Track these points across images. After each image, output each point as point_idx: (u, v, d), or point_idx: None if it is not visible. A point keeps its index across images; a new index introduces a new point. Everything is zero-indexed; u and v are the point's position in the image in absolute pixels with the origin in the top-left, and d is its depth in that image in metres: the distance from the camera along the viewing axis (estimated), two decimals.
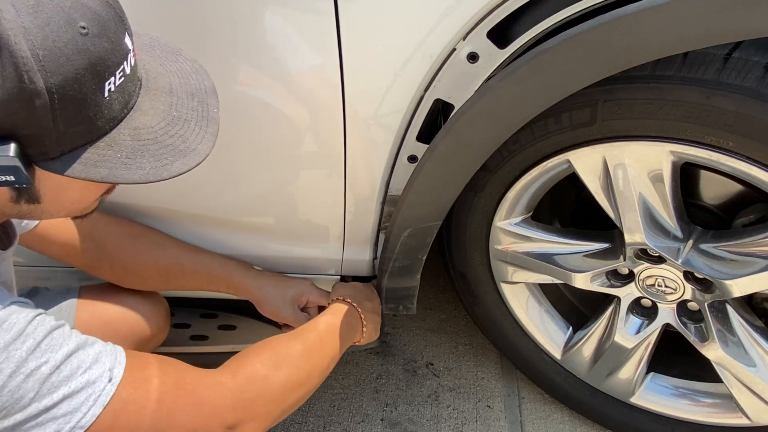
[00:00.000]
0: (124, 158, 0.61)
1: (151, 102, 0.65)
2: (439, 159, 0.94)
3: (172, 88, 0.68)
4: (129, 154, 0.62)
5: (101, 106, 0.59)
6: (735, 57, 0.80)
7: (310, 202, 1.10)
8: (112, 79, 0.59)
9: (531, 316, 1.25)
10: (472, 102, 0.88)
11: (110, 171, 0.60)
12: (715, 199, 1.08)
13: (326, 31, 0.87)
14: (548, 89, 0.84)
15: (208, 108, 0.70)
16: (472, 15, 0.85)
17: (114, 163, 0.61)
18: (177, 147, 0.65)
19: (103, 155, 0.60)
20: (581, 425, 1.34)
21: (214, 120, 0.69)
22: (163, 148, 0.64)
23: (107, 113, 0.60)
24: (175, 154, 0.64)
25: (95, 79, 0.57)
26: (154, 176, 0.62)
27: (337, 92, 0.93)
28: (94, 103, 0.58)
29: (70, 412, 0.63)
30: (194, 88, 0.70)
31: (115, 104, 0.61)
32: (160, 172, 0.63)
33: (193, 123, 0.67)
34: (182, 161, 0.65)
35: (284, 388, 0.84)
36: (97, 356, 0.67)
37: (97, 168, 0.60)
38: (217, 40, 0.91)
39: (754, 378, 1.04)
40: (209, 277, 1.11)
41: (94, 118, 0.59)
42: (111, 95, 0.60)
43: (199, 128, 0.67)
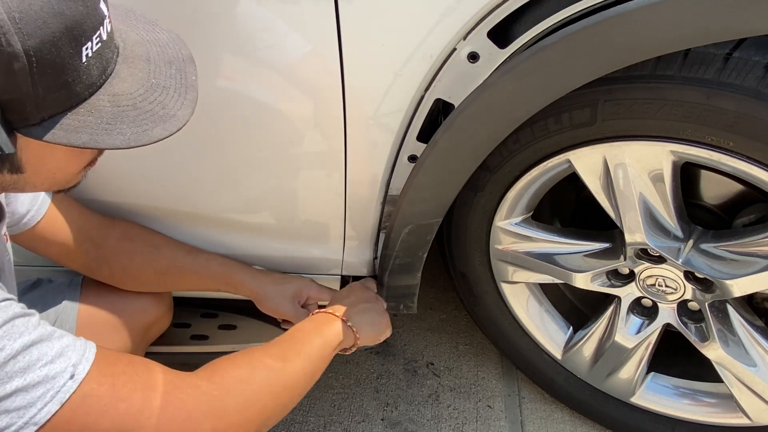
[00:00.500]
0: (105, 124, 0.61)
1: (129, 69, 0.65)
2: (439, 155, 0.94)
3: (149, 56, 0.68)
4: (109, 120, 0.62)
5: (79, 72, 0.59)
6: (735, 57, 0.80)
7: (311, 202, 1.10)
8: (89, 44, 0.59)
9: (531, 316, 1.25)
10: (473, 98, 0.88)
11: (91, 137, 0.60)
12: (715, 198, 1.07)
13: (327, 30, 0.87)
14: (549, 86, 0.84)
15: (186, 75, 0.70)
16: (472, 15, 0.85)
17: (95, 129, 0.61)
18: (156, 113, 0.65)
19: (83, 121, 0.60)
20: (581, 425, 1.34)
21: (193, 87, 0.70)
22: (142, 114, 0.64)
23: (86, 79, 0.60)
24: (155, 119, 0.64)
25: (72, 43, 0.57)
26: (135, 141, 0.62)
27: (338, 92, 0.93)
28: (72, 68, 0.58)
29: (24, 406, 0.60)
30: (172, 57, 0.70)
31: (93, 70, 0.61)
32: (140, 137, 0.63)
33: (171, 90, 0.67)
34: (162, 126, 0.65)
35: (261, 395, 0.80)
36: (62, 350, 0.64)
37: (78, 134, 0.60)
38: (218, 40, 0.91)
39: (754, 378, 1.04)
40: (208, 277, 1.11)
41: (73, 83, 0.59)
42: (89, 60, 0.59)
43: (178, 95, 0.67)
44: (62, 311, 1.03)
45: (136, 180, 1.10)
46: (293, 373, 0.86)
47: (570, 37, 0.78)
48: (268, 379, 0.82)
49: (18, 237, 0.96)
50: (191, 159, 1.06)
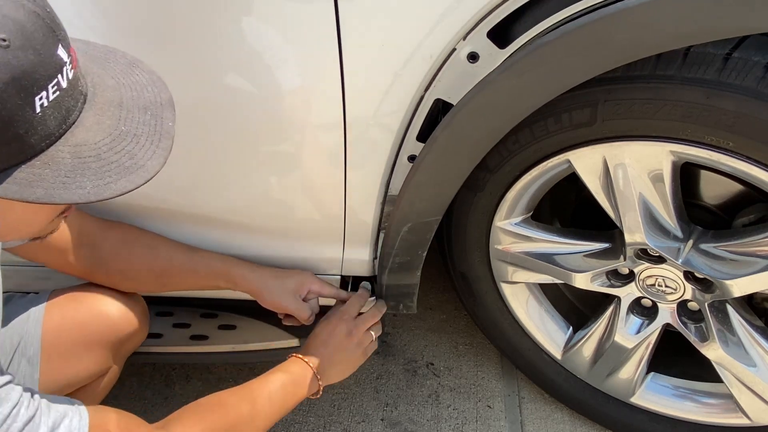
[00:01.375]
0: (63, 177, 0.58)
1: (96, 117, 0.62)
2: (439, 152, 0.94)
3: (122, 102, 0.64)
4: (68, 173, 0.58)
5: (33, 123, 0.55)
6: (735, 57, 0.80)
7: (310, 202, 1.10)
8: (43, 93, 0.55)
9: (531, 316, 1.25)
10: (472, 95, 0.88)
11: (46, 191, 0.56)
12: (715, 199, 1.08)
13: (326, 30, 0.87)
14: (548, 83, 0.84)
15: (162, 122, 0.66)
16: (472, 15, 0.85)
17: (51, 183, 0.57)
18: (123, 164, 0.61)
19: (38, 174, 0.56)
20: (581, 425, 1.34)
21: (168, 134, 0.66)
22: (106, 165, 0.60)
23: (41, 130, 0.56)
24: (120, 171, 0.61)
25: (21, 94, 0.54)
26: (95, 195, 0.59)
27: (337, 92, 0.93)
28: (23, 120, 0.54)
29: None
30: (148, 102, 0.66)
31: (50, 120, 0.57)
32: (101, 191, 0.59)
33: (143, 138, 0.63)
34: (128, 179, 0.61)
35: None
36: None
37: (32, 188, 0.56)
38: (218, 41, 0.91)
39: (754, 378, 1.04)
40: (207, 274, 1.10)
41: (26, 135, 0.55)
42: (44, 111, 0.56)
43: (150, 143, 0.64)
44: (26, 334, 0.98)
45: None
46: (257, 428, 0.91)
47: (569, 34, 0.78)
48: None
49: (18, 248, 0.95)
50: (190, 159, 1.06)
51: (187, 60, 0.94)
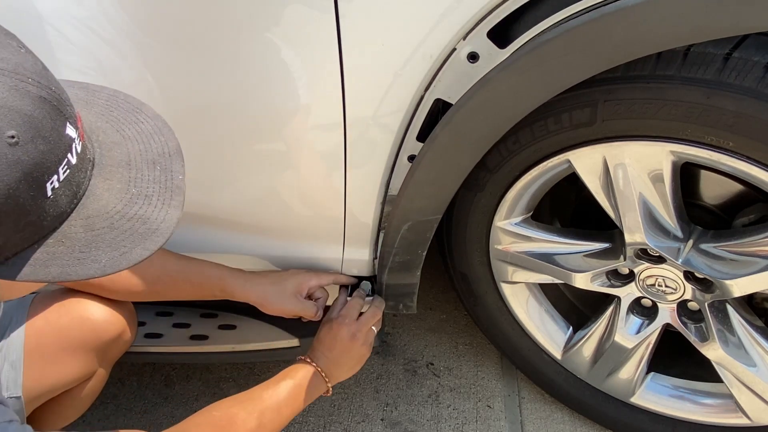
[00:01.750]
0: (78, 253, 0.56)
1: (105, 182, 0.60)
2: (438, 150, 0.94)
3: (130, 160, 0.63)
4: (83, 248, 0.57)
5: (45, 208, 0.54)
6: (735, 57, 0.80)
7: (310, 202, 1.10)
8: (54, 177, 0.54)
9: (531, 316, 1.25)
10: (472, 93, 0.87)
11: (62, 269, 0.55)
12: (715, 199, 1.07)
13: (326, 30, 0.87)
14: (548, 81, 0.84)
15: (172, 176, 0.64)
16: (472, 15, 0.85)
17: (66, 260, 0.56)
18: (136, 230, 0.60)
19: (53, 253, 0.55)
20: (581, 425, 1.34)
21: (179, 189, 0.64)
22: (120, 235, 0.59)
23: (53, 212, 0.55)
24: (134, 239, 0.59)
25: (33, 186, 0.52)
26: (111, 268, 0.57)
27: (337, 92, 0.93)
28: (35, 209, 0.53)
29: None
30: (156, 155, 0.64)
31: (61, 200, 0.55)
32: (118, 262, 0.58)
33: (154, 198, 0.62)
34: (142, 246, 0.59)
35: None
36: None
37: (47, 268, 0.55)
38: (218, 41, 0.91)
39: (754, 378, 1.04)
40: (201, 283, 1.09)
41: (38, 220, 0.54)
42: (55, 192, 0.54)
43: (161, 203, 0.62)
44: (9, 339, 0.96)
45: None
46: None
47: (570, 32, 0.78)
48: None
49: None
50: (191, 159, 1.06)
51: (187, 61, 0.94)
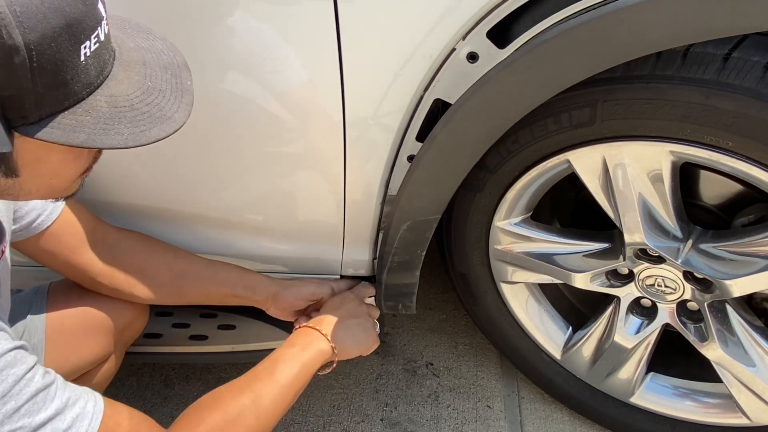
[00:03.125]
0: (102, 124, 0.61)
1: (125, 72, 0.65)
2: (438, 150, 0.94)
3: (145, 61, 0.68)
4: (107, 120, 0.61)
5: (78, 70, 0.59)
6: (734, 57, 0.80)
7: (310, 202, 1.10)
8: (87, 43, 0.59)
9: (531, 316, 1.25)
10: (472, 93, 0.88)
11: (89, 136, 0.60)
12: (714, 199, 1.08)
13: (326, 30, 0.87)
14: (547, 81, 0.84)
15: (181, 80, 0.70)
16: (471, 15, 0.85)
17: (92, 129, 0.60)
18: (154, 115, 0.65)
19: (81, 121, 0.60)
20: (581, 425, 1.34)
21: (189, 91, 0.70)
22: (140, 115, 0.64)
23: (84, 78, 0.60)
24: (152, 121, 0.64)
25: (72, 40, 0.57)
26: (133, 141, 0.62)
27: (337, 92, 0.93)
28: (71, 66, 0.58)
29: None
30: (167, 62, 0.70)
31: (91, 70, 0.61)
32: (138, 137, 0.63)
33: (168, 93, 0.67)
34: (160, 128, 0.64)
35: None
36: (72, 422, 0.70)
37: (75, 133, 0.59)
38: (218, 41, 0.91)
39: (753, 378, 1.04)
40: (225, 279, 1.11)
41: (72, 81, 0.59)
42: (87, 60, 0.60)
43: (174, 98, 0.67)
44: (29, 323, 1.00)
45: (137, 180, 1.11)
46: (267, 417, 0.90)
47: (569, 32, 0.78)
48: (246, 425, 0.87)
49: (27, 243, 0.95)
50: (192, 160, 1.06)
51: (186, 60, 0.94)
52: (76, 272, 1.02)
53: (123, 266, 1.04)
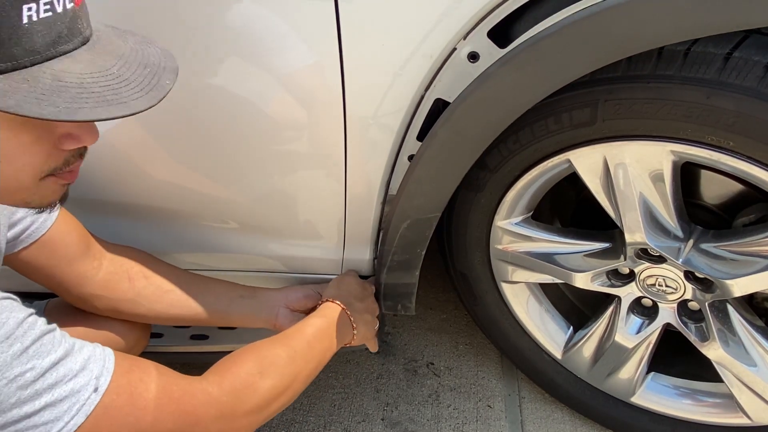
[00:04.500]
0: (38, 94, 0.56)
1: (91, 56, 0.61)
2: (438, 147, 0.94)
3: (122, 54, 0.64)
4: (45, 91, 0.57)
5: (18, 32, 0.55)
6: (735, 56, 0.80)
7: (310, 202, 1.10)
8: (33, 5, 0.55)
9: (531, 316, 1.25)
10: (472, 89, 0.87)
11: (18, 102, 0.55)
12: (715, 198, 1.07)
13: (326, 30, 0.87)
14: (547, 76, 0.84)
15: (159, 79, 0.65)
16: (472, 14, 0.85)
17: (25, 96, 0.56)
18: (104, 96, 0.59)
19: (15, 87, 0.56)
20: (582, 425, 1.34)
21: (162, 88, 0.64)
22: (86, 93, 0.59)
23: (26, 43, 0.56)
24: (98, 101, 0.59)
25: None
26: (66, 115, 0.57)
27: (338, 92, 0.93)
28: (7, 24, 0.54)
29: (52, 420, 0.63)
30: (151, 62, 0.66)
31: (36, 37, 0.56)
32: (74, 113, 0.57)
33: (133, 84, 0.62)
34: (105, 109, 0.59)
35: (268, 397, 0.84)
36: (84, 363, 0.66)
37: (4, 98, 0.55)
38: (218, 41, 0.91)
39: (754, 377, 1.04)
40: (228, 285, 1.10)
41: (9, 42, 0.55)
42: (32, 24, 0.56)
43: (140, 90, 0.62)
44: None
45: (136, 180, 1.10)
46: (300, 372, 0.90)
47: (569, 27, 0.78)
48: (275, 381, 0.85)
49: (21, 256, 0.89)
50: (192, 160, 1.06)
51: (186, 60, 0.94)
52: (73, 288, 0.96)
53: (128, 274, 1.00)
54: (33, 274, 0.93)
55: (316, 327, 0.98)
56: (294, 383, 0.89)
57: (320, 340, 0.97)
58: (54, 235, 0.91)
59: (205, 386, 0.78)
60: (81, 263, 0.95)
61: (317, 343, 0.96)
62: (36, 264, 0.91)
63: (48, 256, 0.91)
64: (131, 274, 1.01)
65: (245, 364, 0.84)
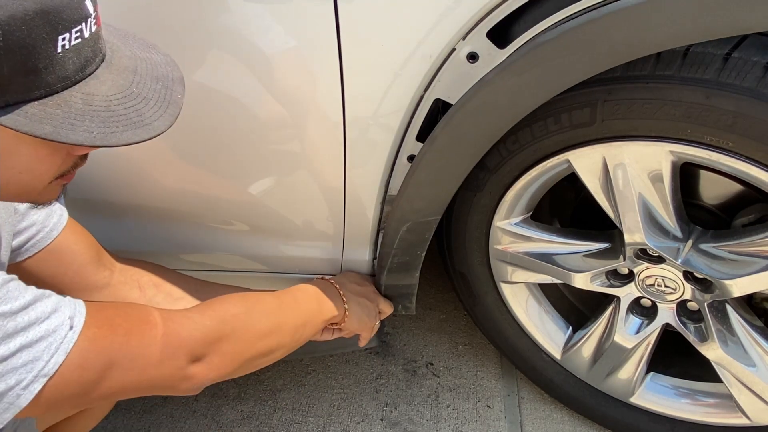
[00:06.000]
0: (72, 119, 0.59)
1: (111, 75, 0.64)
2: (438, 151, 0.94)
3: (136, 69, 0.67)
4: (78, 116, 0.60)
5: (53, 61, 0.57)
6: (734, 57, 0.80)
7: (310, 202, 1.10)
8: (66, 35, 0.58)
9: (531, 316, 1.25)
10: (472, 93, 0.87)
11: (55, 129, 0.58)
12: (714, 199, 1.08)
13: (326, 30, 0.87)
14: (547, 82, 0.84)
15: (172, 92, 0.69)
16: (472, 15, 0.85)
17: (61, 122, 0.59)
18: (130, 118, 0.63)
19: (50, 113, 0.58)
20: (581, 425, 1.34)
21: (176, 103, 0.68)
22: (115, 117, 0.62)
23: (59, 70, 0.58)
24: (126, 124, 0.63)
25: (47, 28, 0.56)
26: (101, 141, 0.60)
27: (337, 92, 0.93)
28: (44, 54, 0.57)
29: (30, 361, 0.63)
30: (161, 74, 0.69)
31: (68, 63, 0.59)
32: (108, 138, 0.61)
33: (152, 102, 0.66)
34: (134, 132, 0.63)
35: (253, 331, 0.86)
36: (56, 306, 0.67)
37: (42, 124, 0.58)
38: (217, 40, 0.91)
39: (753, 378, 1.04)
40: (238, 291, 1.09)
41: (44, 71, 0.57)
42: (65, 52, 0.58)
43: (158, 107, 0.66)
44: None
45: (137, 180, 1.10)
46: (284, 323, 0.92)
47: (568, 33, 0.78)
48: (261, 318, 0.88)
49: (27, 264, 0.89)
50: (191, 159, 1.06)
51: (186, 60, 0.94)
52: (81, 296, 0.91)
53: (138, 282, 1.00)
54: (40, 282, 0.91)
55: (304, 289, 1.01)
56: (280, 329, 0.90)
57: (307, 301, 1.00)
58: (61, 244, 0.91)
59: (186, 313, 0.80)
60: (90, 272, 0.95)
61: (304, 302, 0.99)
62: (43, 272, 0.91)
63: (55, 265, 0.91)
64: (141, 283, 1.01)
65: (232, 300, 0.87)
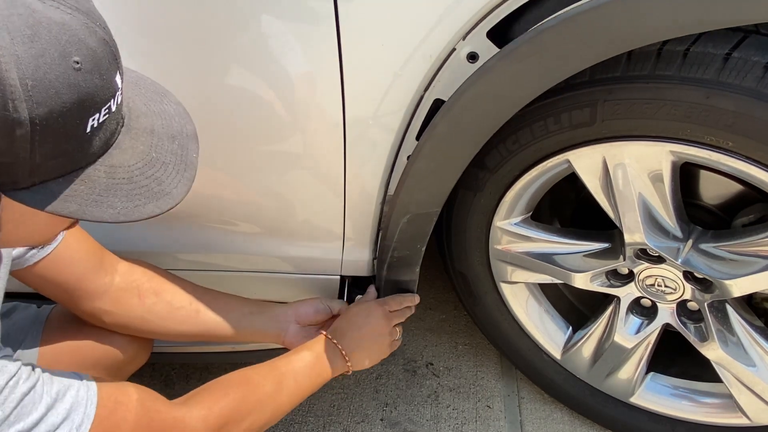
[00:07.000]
0: (96, 195, 0.60)
1: (131, 141, 0.64)
2: (438, 140, 0.93)
3: (153, 129, 0.67)
4: (102, 192, 0.60)
5: (82, 141, 0.58)
6: (734, 57, 0.80)
7: (310, 202, 1.10)
8: (96, 116, 0.58)
9: (531, 316, 1.25)
10: (472, 81, 0.87)
11: (80, 207, 0.58)
12: (714, 199, 1.08)
13: (326, 30, 0.87)
14: (548, 69, 0.83)
15: (187, 152, 0.70)
16: (472, 15, 0.85)
17: (85, 200, 0.59)
18: (151, 189, 0.64)
19: (74, 190, 0.58)
20: (581, 425, 1.34)
21: (192, 165, 0.70)
22: (137, 189, 0.63)
23: (87, 148, 0.59)
24: (148, 195, 0.64)
25: (80, 114, 0.56)
26: (124, 216, 0.61)
27: (337, 92, 0.93)
28: (75, 138, 0.57)
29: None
30: (176, 131, 0.70)
31: (95, 140, 0.59)
32: (131, 212, 0.62)
33: (170, 166, 0.67)
34: (155, 204, 0.64)
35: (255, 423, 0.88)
36: (66, 413, 0.68)
37: (66, 203, 0.58)
38: (217, 40, 0.91)
39: (753, 378, 1.04)
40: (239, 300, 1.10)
41: (73, 152, 0.58)
42: (93, 131, 0.58)
43: (176, 172, 0.67)
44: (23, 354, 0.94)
45: None
46: (282, 408, 0.93)
47: (570, 20, 0.78)
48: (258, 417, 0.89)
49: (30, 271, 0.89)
50: None
51: (185, 60, 0.94)
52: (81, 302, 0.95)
53: (138, 290, 1.00)
54: (42, 288, 0.93)
55: (305, 362, 0.98)
56: (273, 418, 0.92)
57: (308, 376, 0.98)
58: (63, 252, 0.91)
59: (190, 421, 0.81)
60: (91, 279, 0.95)
61: (304, 380, 0.97)
62: (44, 279, 0.91)
63: (57, 272, 0.91)
64: (141, 290, 1.00)
65: (234, 399, 0.86)
